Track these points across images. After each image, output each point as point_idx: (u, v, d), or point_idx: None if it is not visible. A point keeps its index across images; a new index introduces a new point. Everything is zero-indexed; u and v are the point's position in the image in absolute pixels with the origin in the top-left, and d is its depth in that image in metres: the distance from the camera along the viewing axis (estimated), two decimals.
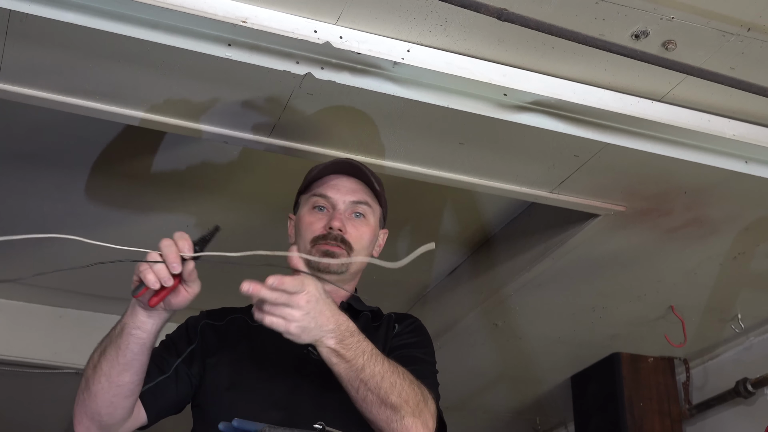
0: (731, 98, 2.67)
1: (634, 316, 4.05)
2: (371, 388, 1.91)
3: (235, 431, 1.78)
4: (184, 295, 1.90)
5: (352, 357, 1.90)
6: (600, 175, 3.00)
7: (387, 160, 2.92)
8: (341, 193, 2.27)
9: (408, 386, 1.95)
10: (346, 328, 1.91)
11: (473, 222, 3.79)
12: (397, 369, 1.96)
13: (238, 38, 2.39)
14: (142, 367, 1.99)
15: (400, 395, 1.93)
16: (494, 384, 4.84)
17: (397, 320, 2.31)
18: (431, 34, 2.45)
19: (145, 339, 1.95)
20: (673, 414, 4.36)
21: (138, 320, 1.94)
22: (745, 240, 3.41)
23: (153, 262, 1.85)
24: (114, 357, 1.96)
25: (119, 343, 1.95)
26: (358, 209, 2.27)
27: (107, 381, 1.97)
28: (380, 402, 1.91)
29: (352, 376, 1.91)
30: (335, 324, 1.89)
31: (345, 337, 1.90)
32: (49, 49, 2.42)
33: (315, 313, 1.85)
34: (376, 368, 1.92)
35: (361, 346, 1.92)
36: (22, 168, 3.40)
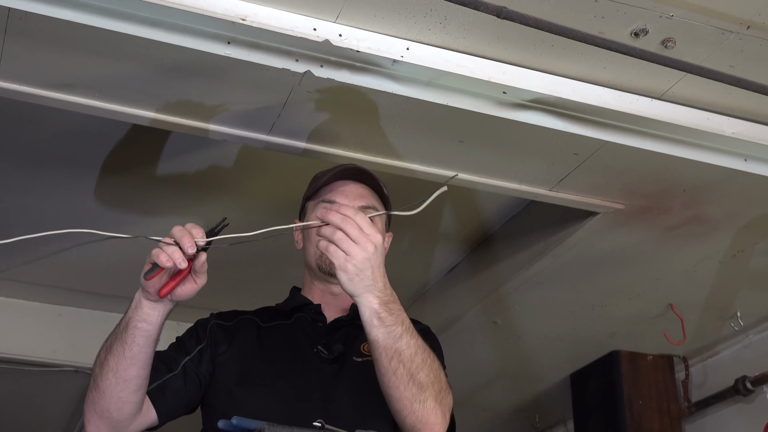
0: (730, 96, 2.67)
1: (633, 314, 4.05)
2: (404, 360, 1.92)
3: (235, 429, 1.78)
4: (192, 285, 1.94)
5: (392, 323, 1.92)
6: (599, 173, 3.00)
7: (386, 158, 2.92)
8: (349, 199, 2.27)
9: (437, 368, 1.98)
10: (390, 294, 1.96)
11: (472, 220, 3.78)
12: (429, 350, 1.98)
13: (237, 36, 2.39)
14: (148, 360, 2.01)
15: (428, 374, 1.94)
16: (493, 382, 4.84)
17: None
18: (431, 32, 2.45)
19: (151, 331, 1.98)
20: (672, 412, 4.36)
21: (143, 312, 1.96)
22: (744, 238, 3.41)
23: (168, 244, 1.89)
24: (120, 352, 1.98)
25: (125, 337, 1.98)
26: (365, 213, 2.27)
27: (114, 376, 2.00)
28: (410, 377, 1.92)
29: (389, 343, 1.92)
30: (383, 284, 1.92)
31: (389, 301, 1.93)
32: (48, 47, 2.42)
33: (374, 263, 1.89)
34: (411, 341, 1.94)
35: (401, 316, 1.96)
36: (21, 166, 3.40)
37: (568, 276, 3.74)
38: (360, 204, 2.26)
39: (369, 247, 1.89)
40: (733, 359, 4.22)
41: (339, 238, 1.88)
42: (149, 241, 1.94)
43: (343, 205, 1.93)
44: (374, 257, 1.90)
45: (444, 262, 4.08)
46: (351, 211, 1.92)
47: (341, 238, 1.88)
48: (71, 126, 3.12)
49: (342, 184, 2.30)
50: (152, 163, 3.37)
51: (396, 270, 2.44)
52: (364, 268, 1.89)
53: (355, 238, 1.89)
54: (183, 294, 1.95)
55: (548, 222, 3.52)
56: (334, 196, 2.28)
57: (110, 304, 4.35)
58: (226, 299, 2.31)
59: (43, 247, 3.92)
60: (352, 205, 2.24)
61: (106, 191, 3.54)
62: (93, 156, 3.33)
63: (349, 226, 1.89)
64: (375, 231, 1.91)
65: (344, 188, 2.29)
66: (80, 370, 4.60)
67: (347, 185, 2.30)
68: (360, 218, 1.91)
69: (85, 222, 3.71)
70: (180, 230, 1.90)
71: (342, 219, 1.91)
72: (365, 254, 1.89)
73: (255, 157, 3.32)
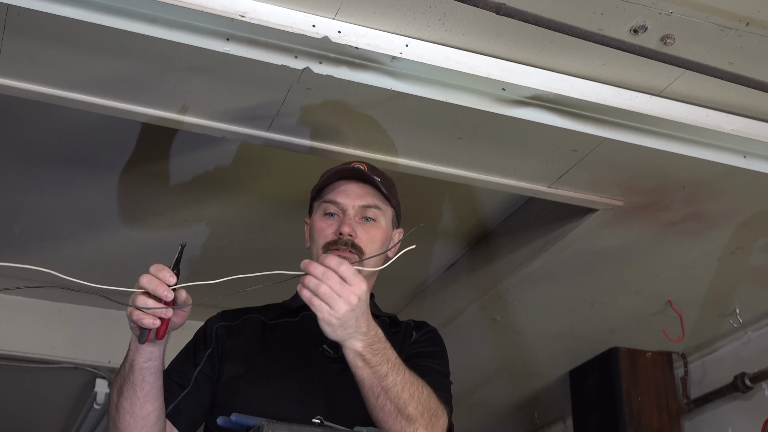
0: (730, 93, 2.67)
1: (632, 310, 4.06)
2: (391, 397, 1.92)
3: (234, 425, 1.78)
4: (182, 314, 1.97)
5: (377, 363, 1.92)
6: (598, 169, 3.00)
7: (385, 154, 2.92)
8: (350, 198, 2.26)
9: (425, 399, 1.98)
10: (375, 334, 1.94)
11: (472, 217, 3.78)
12: (417, 380, 1.98)
13: (236, 33, 2.38)
14: (160, 392, 2.05)
15: (417, 407, 1.94)
16: (493, 378, 4.84)
17: (415, 328, 2.33)
18: (430, 29, 2.45)
19: (157, 366, 2.01)
20: (671, 408, 4.36)
21: (146, 353, 1.99)
22: (743, 235, 3.41)
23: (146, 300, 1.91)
24: (132, 393, 2.01)
25: (133, 380, 2.01)
26: (367, 213, 2.26)
27: (131, 417, 2.02)
28: (397, 412, 1.92)
29: (374, 382, 1.92)
30: (367, 328, 1.91)
31: (373, 342, 1.92)
32: (46, 43, 2.42)
33: (358, 313, 1.88)
34: (398, 377, 1.94)
35: (387, 354, 1.95)
36: (20, 163, 3.40)
37: (567, 273, 3.74)
38: (361, 203, 2.25)
39: (353, 300, 1.86)
40: (731, 356, 4.22)
41: (323, 292, 1.85)
42: (152, 241, 1.95)
43: (329, 255, 1.90)
44: (358, 307, 1.87)
45: (443, 258, 4.08)
46: (335, 261, 1.88)
47: (325, 293, 1.85)
48: (70, 123, 3.11)
49: (344, 183, 2.29)
50: (151, 160, 3.36)
51: (395, 267, 2.44)
52: (347, 320, 1.87)
53: (338, 291, 1.86)
54: (177, 324, 1.98)
55: (547, 219, 3.52)
56: (335, 196, 2.27)
57: (109, 301, 4.34)
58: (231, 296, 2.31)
59: (43, 244, 3.91)
60: (352, 205, 2.24)
61: (104, 189, 3.54)
62: (91, 153, 3.33)
63: (331, 279, 1.86)
64: (359, 281, 1.87)
65: (345, 187, 2.28)
66: (79, 367, 4.60)
67: (349, 185, 2.28)
68: (343, 269, 1.87)
69: (83, 219, 3.72)
70: (149, 280, 1.91)
71: (323, 272, 1.87)
72: (349, 307, 1.86)
73: (254, 155, 3.31)
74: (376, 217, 2.26)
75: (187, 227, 3.76)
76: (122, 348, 2.18)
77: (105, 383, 4.71)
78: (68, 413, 5.37)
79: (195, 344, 2.25)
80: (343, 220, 2.22)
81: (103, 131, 3.17)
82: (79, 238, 3.86)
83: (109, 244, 3.87)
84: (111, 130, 3.13)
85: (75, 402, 5.15)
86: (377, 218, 2.27)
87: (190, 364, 2.22)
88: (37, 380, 4.82)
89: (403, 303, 4.27)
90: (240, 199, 3.60)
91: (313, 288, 1.86)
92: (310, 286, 1.87)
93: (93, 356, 4.52)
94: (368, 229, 2.25)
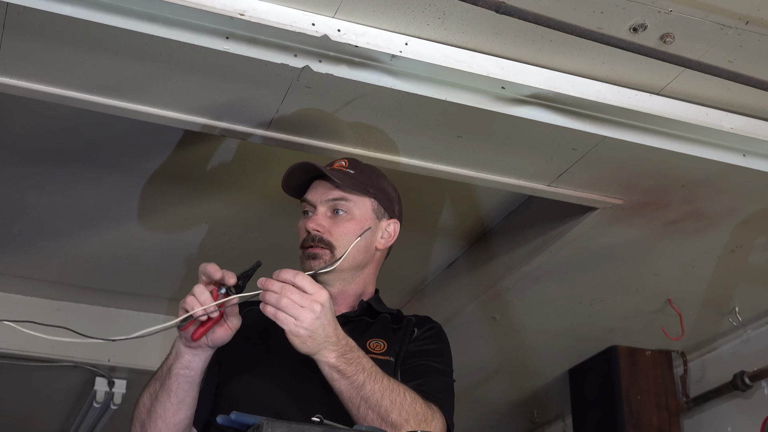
0: (729, 91, 2.67)
1: (631, 309, 4.06)
2: (371, 406, 1.92)
3: (234, 424, 1.78)
4: (226, 329, 2.00)
5: (353, 373, 1.92)
6: (598, 168, 3.00)
7: (385, 153, 2.92)
8: (318, 194, 2.27)
9: (409, 405, 1.97)
10: (346, 344, 1.94)
11: (471, 215, 3.79)
12: (397, 387, 1.97)
13: (235, 31, 2.38)
14: (193, 402, 2.07)
15: (400, 414, 1.94)
16: (492, 377, 4.84)
17: (417, 324, 2.31)
18: (429, 27, 2.45)
19: (194, 376, 2.03)
20: (670, 407, 4.36)
21: (185, 360, 2.01)
22: (742, 233, 3.41)
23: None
24: (166, 399, 2.03)
25: (169, 385, 2.02)
26: (337, 206, 2.26)
27: (164, 423, 2.04)
28: (380, 420, 1.93)
29: (352, 393, 1.93)
30: (337, 338, 1.92)
31: (346, 352, 1.93)
32: (46, 42, 2.42)
33: (325, 321, 1.89)
34: (376, 386, 1.94)
35: (361, 363, 1.95)
36: (21, 162, 3.40)
37: (567, 271, 3.74)
38: (327, 198, 2.25)
39: (316, 308, 1.87)
40: (731, 354, 4.22)
41: (285, 304, 1.87)
42: (152, 239, 1.96)
43: (283, 270, 1.91)
44: (323, 315, 1.89)
45: (442, 257, 4.08)
46: (290, 274, 1.90)
47: (287, 305, 1.87)
48: (69, 121, 3.11)
49: (316, 182, 2.30)
50: (151, 158, 3.37)
51: (394, 266, 2.44)
52: (315, 329, 1.88)
53: (299, 302, 1.87)
54: (218, 339, 2.00)
55: (547, 217, 3.52)
56: (307, 195, 2.29)
57: (109, 300, 4.35)
58: None
59: (43, 243, 3.92)
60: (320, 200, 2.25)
61: (105, 187, 3.54)
62: (91, 151, 3.33)
63: (290, 292, 1.88)
64: (318, 288, 1.89)
65: (316, 184, 2.29)
66: (79, 366, 4.60)
67: (318, 181, 2.30)
68: (300, 279, 1.89)
69: (83, 217, 3.73)
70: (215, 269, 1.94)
71: (281, 287, 1.89)
72: (313, 315, 1.87)
73: (254, 153, 3.32)
74: (347, 209, 2.26)
75: (186, 225, 3.76)
76: (121, 347, 2.19)
77: (104, 381, 4.71)
78: (68, 412, 5.37)
79: None
80: (312, 218, 2.24)
81: (102, 130, 3.17)
82: (79, 236, 3.86)
83: (109, 243, 3.87)
84: (111, 128, 3.14)
85: (75, 400, 5.15)
86: (349, 210, 2.26)
87: None
88: (36, 379, 4.82)
89: (402, 301, 4.27)
90: (239, 198, 3.60)
91: (275, 303, 1.88)
92: (272, 302, 1.89)
93: (92, 355, 4.52)
94: (339, 222, 2.24)
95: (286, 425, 1.61)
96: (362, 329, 2.22)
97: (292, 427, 1.61)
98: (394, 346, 2.21)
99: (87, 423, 5.12)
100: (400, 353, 2.20)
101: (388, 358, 2.16)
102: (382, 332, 2.24)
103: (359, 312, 2.28)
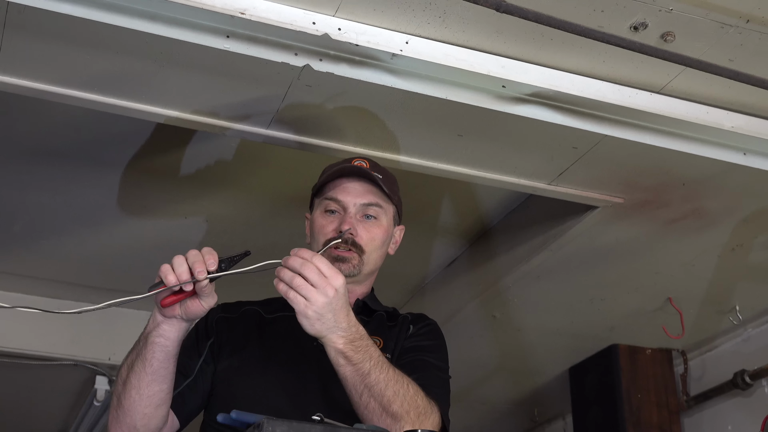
0: (730, 90, 2.67)
1: (632, 307, 4.06)
2: (374, 395, 1.92)
3: (234, 422, 1.78)
4: (199, 306, 1.96)
5: (359, 361, 1.92)
6: (598, 166, 3.00)
7: (385, 151, 2.92)
8: (352, 196, 2.25)
9: (411, 397, 1.97)
10: (356, 331, 1.93)
11: (471, 214, 3.79)
12: (402, 378, 1.97)
13: (236, 30, 2.38)
14: (169, 376, 2.04)
15: (402, 405, 1.94)
16: (492, 375, 4.84)
17: (412, 321, 2.31)
18: (430, 26, 2.45)
19: (169, 347, 2.00)
20: (670, 405, 4.36)
21: (160, 329, 1.99)
22: (743, 232, 3.41)
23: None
24: (141, 368, 2.00)
25: (144, 354, 2.00)
26: (369, 211, 2.25)
27: (137, 393, 2.02)
28: (382, 410, 1.92)
29: (357, 380, 1.92)
30: (347, 324, 1.91)
31: (354, 339, 1.92)
32: (47, 40, 2.42)
33: (336, 306, 1.88)
34: (381, 375, 1.93)
35: (369, 352, 1.94)
36: (20, 160, 3.40)
37: (567, 270, 3.74)
38: (362, 201, 2.25)
39: (329, 292, 1.86)
40: (731, 353, 4.22)
41: (298, 284, 1.86)
42: (151, 238, 1.96)
43: (302, 248, 1.91)
44: (335, 300, 1.88)
45: (443, 256, 4.08)
46: (309, 254, 1.90)
47: (300, 284, 1.86)
48: (70, 120, 3.12)
49: (346, 181, 2.28)
50: (151, 157, 3.37)
51: (395, 264, 2.44)
52: (324, 313, 1.87)
53: (314, 282, 1.86)
54: (191, 312, 1.97)
55: (547, 216, 3.52)
56: (336, 194, 2.26)
57: (109, 298, 4.34)
58: (232, 291, 2.31)
59: (44, 241, 3.92)
60: (353, 203, 2.23)
61: (105, 185, 3.54)
62: (92, 150, 3.33)
63: (308, 270, 1.87)
64: (335, 273, 1.88)
65: (347, 185, 2.27)
66: (79, 364, 4.61)
67: (351, 182, 2.27)
68: (318, 261, 1.88)
69: (83, 216, 3.73)
70: (195, 255, 1.91)
71: (301, 263, 1.88)
72: (326, 299, 1.86)
73: (254, 151, 3.32)
74: (377, 215, 2.26)
75: (187, 224, 3.76)
76: (122, 345, 2.19)
77: (105, 380, 4.71)
78: (68, 410, 5.38)
79: (197, 334, 2.25)
80: (343, 218, 2.22)
81: (103, 128, 3.17)
82: (79, 235, 3.86)
83: (109, 241, 3.88)
84: (111, 127, 3.14)
85: (75, 399, 5.15)
86: (378, 216, 2.26)
87: (194, 354, 2.22)
88: (37, 377, 4.82)
89: (403, 300, 4.27)
90: (240, 196, 3.60)
91: (288, 280, 1.87)
92: (285, 279, 1.88)
93: (93, 353, 4.52)
94: (369, 228, 2.24)
95: (287, 424, 1.61)
96: None
97: (293, 426, 1.61)
98: (390, 343, 2.22)
99: (87, 421, 5.13)
100: (395, 350, 2.20)
101: (385, 355, 2.16)
102: (379, 330, 2.24)
103: (355, 311, 2.27)
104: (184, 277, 1.89)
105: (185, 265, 1.90)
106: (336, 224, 2.22)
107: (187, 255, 1.91)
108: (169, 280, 1.88)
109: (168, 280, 1.88)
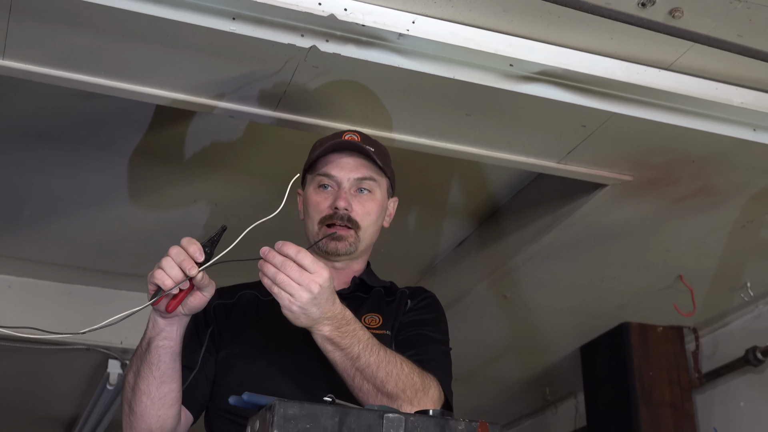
0: (738, 66, 2.66)
1: (642, 285, 4.05)
2: (367, 378, 1.92)
3: (246, 405, 1.79)
4: (200, 297, 1.95)
5: (347, 345, 1.91)
6: (607, 144, 2.99)
7: (393, 132, 2.92)
8: (345, 171, 2.25)
9: (406, 375, 1.96)
10: (342, 317, 1.91)
11: (480, 194, 3.78)
12: (394, 358, 1.96)
13: (242, 12, 2.38)
14: (177, 374, 2.04)
15: (396, 384, 1.93)
16: (504, 355, 4.85)
17: (410, 296, 2.30)
18: (436, 5, 2.44)
19: (174, 346, 2.00)
20: (682, 383, 4.37)
21: (163, 331, 1.99)
22: (753, 208, 3.40)
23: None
24: (148, 373, 2.00)
25: (149, 358, 2.00)
26: (362, 185, 2.25)
27: (149, 398, 2.02)
28: (376, 391, 1.92)
29: (347, 364, 1.92)
30: (333, 312, 1.89)
31: (341, 325, 1.91)
32: (52, 25, 2.42)
33: (321, 300, 1.85)
34: (371, 357, 1.92)
35: (357, 335, 1.93)
36: (28, 145, 3.40)
37: (577, 248, 3.73)
38: (356, 176, 2.24)
39: (313, 288, 1.83)
40: (743, 330, 4.22)
41: (281, 280, 1.83)
42: (160, 221, 1.95)
43: (286, 243, 1.88)
44: (320, 295, 1.85)
45: (452, 236, 4.08)
46: (293, 249, 1.87)
47: (283, 281, 1.83)
48: (77, 104, 3.11)
49: (338, 156, 2.27)
50: (159, 141, 3.37)
51: (404, 245, 2.44)
52: (309, 308, 1.85)
53: (297, 280, 1.83)
54: (194, 305, 1.96)
55: (556, 195, 3.52)
56: (329, 169, 2.26)
57: (120, 282, 4.36)
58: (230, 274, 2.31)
59: (53, 226, 3.93)
60: (346, 178, 2.23)
61: (113, 170, 3.54)
62: (99, 134, 3.33)
63: (290, 268, 1.84)
64: (319, 268, 1.85)
65: (340, 160, 2.26)
66: (92, 348, 4.62)
67: (343, 157, 2.27)
68: (302, 257, 1.85)
69: (92, 200, 3.73)
70: (178, 252, 1.89)
71: (282, 262, 1.85)
72: (310, 295, 1.83)
73: (262, 134, 3.31)
74: (372, 188, 2.26)
75: (194, 207, 3.76)
76: (134, 329, 2.18)
77: (117, 364, 4.73)
78: (81, 394, 5.40)
79: (197, 324, 2.24)
80: (338, 194, 2.22)
81: (110, 112, 3.17)
82: (87, 219, 3.87)
83: (117, 225, 3.88)
84: (118, 111, 3.13)
85: (88, 383, 5.18)
86: (372, 190, 2.26)
87: (196, 345, 2.21)
88: (50, 362, 4.85)
89: (413, 280, 4.27)
90: (247, 179, 3.59)
91: (271, 276, 1.85)
92: (269, 275, 1.86)
93: (105, 338, 4.53)
94: (363, 202, 2.24)
95: (299, 405, 1.60)
96: (357, 305, 2.21)
97: (304, 407, 1.61)
98: (389, 319, 2.21)
99: (101, 405, 5.15)
100: (394, 326, 2.20)
101: (385, 332, 2.16)
102: (377, 307, 2.24)
103: (352, 288, 2.27)
104: (179, 278, 1.88)
105: (175, 265, 1.88)
106: (331, 200, 2.22)
107: (170, 254, 1.89)
108: (167, 284, 1.87)
109: (166, 285, 1.88)
